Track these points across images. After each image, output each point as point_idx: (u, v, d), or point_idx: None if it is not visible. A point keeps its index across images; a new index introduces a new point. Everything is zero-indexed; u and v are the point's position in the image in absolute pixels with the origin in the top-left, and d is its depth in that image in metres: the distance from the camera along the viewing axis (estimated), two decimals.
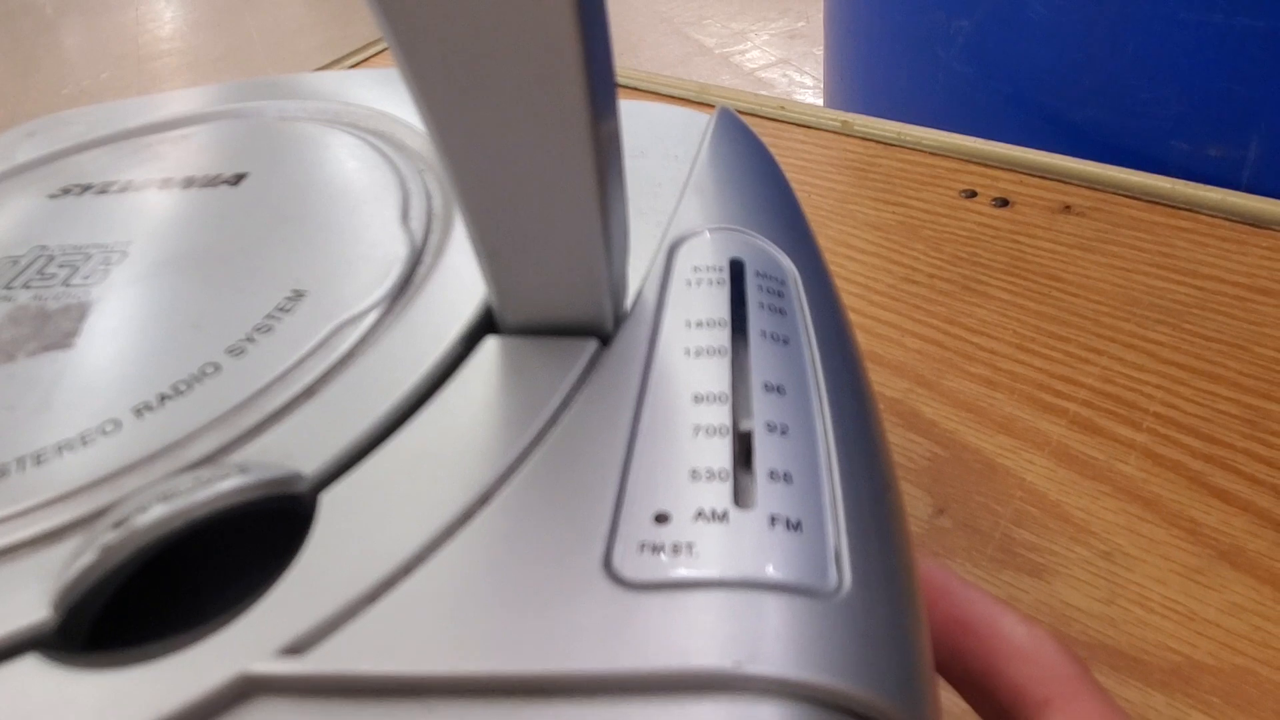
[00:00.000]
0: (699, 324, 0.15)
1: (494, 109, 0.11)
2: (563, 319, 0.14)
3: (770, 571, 0.11)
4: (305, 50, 2.05)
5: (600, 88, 0.11)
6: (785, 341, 0.15)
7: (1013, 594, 0.26)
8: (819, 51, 1.74)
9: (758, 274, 0.16)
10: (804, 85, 1.69)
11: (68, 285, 0.17)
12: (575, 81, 0.11)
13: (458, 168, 0.12)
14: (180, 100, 0.25)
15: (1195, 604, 0.25)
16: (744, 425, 0.13)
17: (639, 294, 0.15)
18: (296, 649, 0.11)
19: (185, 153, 0.22)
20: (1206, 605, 0.25)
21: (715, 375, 0.14)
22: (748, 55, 1.81)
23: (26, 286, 0.17)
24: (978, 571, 0.27)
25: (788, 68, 1.75)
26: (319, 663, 0.10)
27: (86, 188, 0.21)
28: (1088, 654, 0.25)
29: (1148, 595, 0.26)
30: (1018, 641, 0.16)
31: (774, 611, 0.11)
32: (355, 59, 0.64)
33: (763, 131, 0.50)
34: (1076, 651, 0.16)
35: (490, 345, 0.15)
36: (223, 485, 0.12)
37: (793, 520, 0.12)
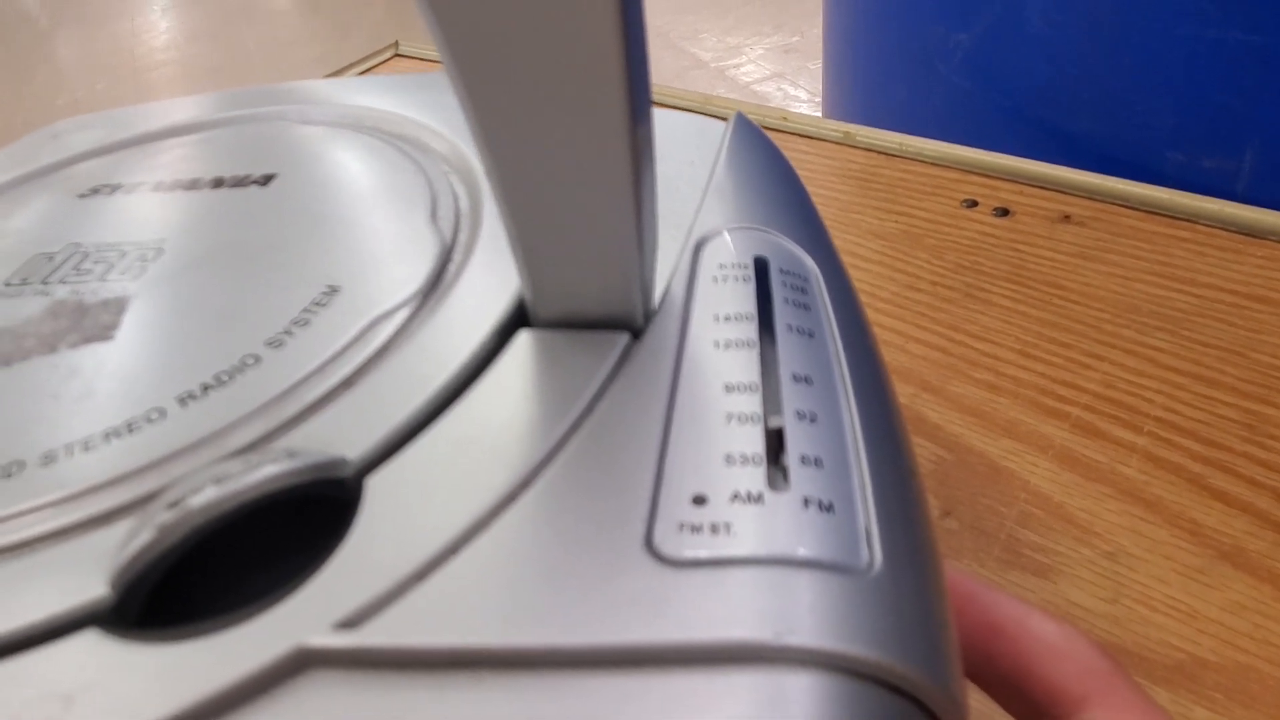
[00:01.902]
0: (727, 318, 0.15)
1: (540, 110, 0.12)
2: (595, 313, 0.15)
3: (805, 550, 0.11)
4: (302, 62, 2.06)
5: (638, 91, 0.12)
6: (810, 335, 0.15)
7: (1019, 594, 0.27)
8: (813, 66, 1.76)
9: (781, 270, 0.16)
10: (799, 99, 1.70)
11: (104, 280, 0.18)
12: (617, 85, 0.11)
13: (500, 165, 0.13)
14: (201, 105, 0.26)
15: (1197, 603, 0.26)
16: (774, 414, 0.13)
17: (667, 290, 0.16)
18: (351, 623, 0.11)
19: (212, 155, 0.22)
20: (1208, 604, 0.26)
21: (745, 366, 0.14)
22: (743, 69, 1.83)
23: (63, 282, 0.18)
24: (985, 572, 0.27)
25: (783, 81, 1.76)
26: (373, 636, 0.11)
27: (116, 188, 0.21)
28: None
29: (1151, 594, 0.26)
30: (1050, 640, 0.16)
31: (809, 587, 0.11)
32: (352, 72, 0.65)
33: None
34: (1107, 648, 0.16)
35: (524, 338, 0.15)
36: (272, 469, 0.12)
37: (825, 502, 0.12)
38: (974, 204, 0.42)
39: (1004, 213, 0.41)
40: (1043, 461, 0.30)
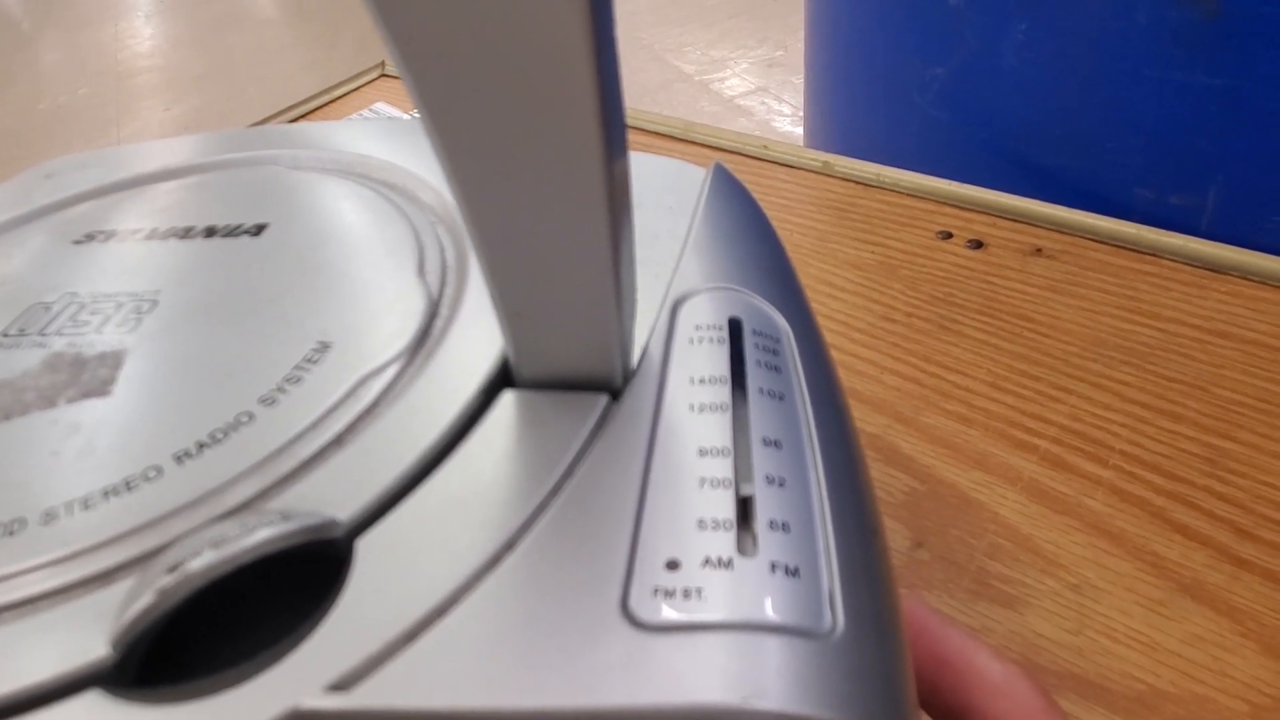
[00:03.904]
0: (701, 380, 0.16)
1: (512, 146, 0.12)
2: (576, 375, 0.16)
3: (772, 615, 0.12)
4: (288, 70, 2.06)
5: (613, 125, 0.12)
6: (780, 398, 0.16)
7: (987, 624, 0.28)
8: (797, 80, 1.77)
9: (754, 332, 0.17)
10: (782, 113, 1.72)
11: (100, 333, 0.18)
12: (591, 120, 0.11)
13: (477, 215, 0.13)
14: (194, 146, 0.26)
15: (1158, 635, 0.27)
16: (745, 478, 0.14)
17: (645, 350, 0.17)
18: (343, 685, 0.12)
19: (205, 202, 0.23)
20: (1169, 636, 0.27)
21: (718, 430, 0.15)
22: (727, 83, 1.84)
23: (60, 333, 0.18)
24: (954, 603, 0.28)
25: (766, 95, 1.78)
26: (364, 698, 0.11)
27: (111, 234, 0.22)
28: (1057, 682, 0.26)
29: (1113, 626, 0.27)
30: (992, 677, 0.17)
31: (776, 651, 0.12)
32: (339, 91, 0.66)
33: (746, 170, 0.51)
34: (1046, 686, 0.17)
35: (508, 399, 0.16)
36: (268, 532, 0.13)
37: (791, 567, 0.13)
38: (949, 235, 0.43)
39: (978, 245, 0.42)
40: (1012, 494, 0.31)
